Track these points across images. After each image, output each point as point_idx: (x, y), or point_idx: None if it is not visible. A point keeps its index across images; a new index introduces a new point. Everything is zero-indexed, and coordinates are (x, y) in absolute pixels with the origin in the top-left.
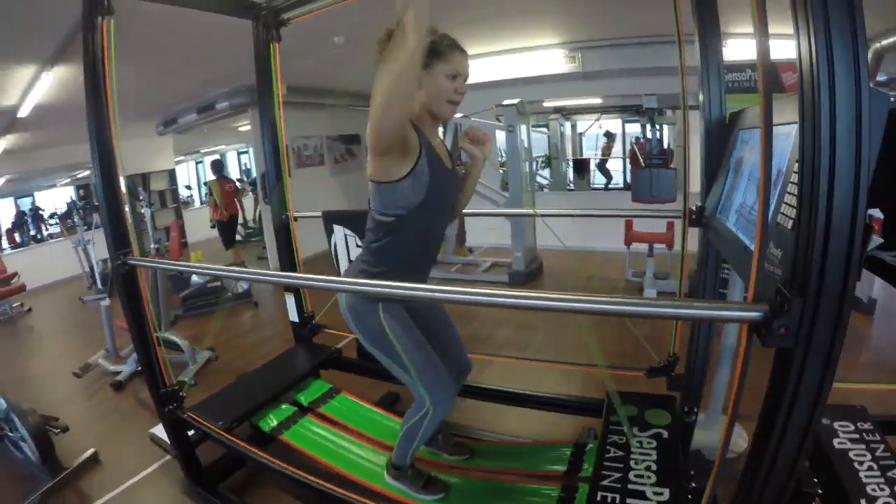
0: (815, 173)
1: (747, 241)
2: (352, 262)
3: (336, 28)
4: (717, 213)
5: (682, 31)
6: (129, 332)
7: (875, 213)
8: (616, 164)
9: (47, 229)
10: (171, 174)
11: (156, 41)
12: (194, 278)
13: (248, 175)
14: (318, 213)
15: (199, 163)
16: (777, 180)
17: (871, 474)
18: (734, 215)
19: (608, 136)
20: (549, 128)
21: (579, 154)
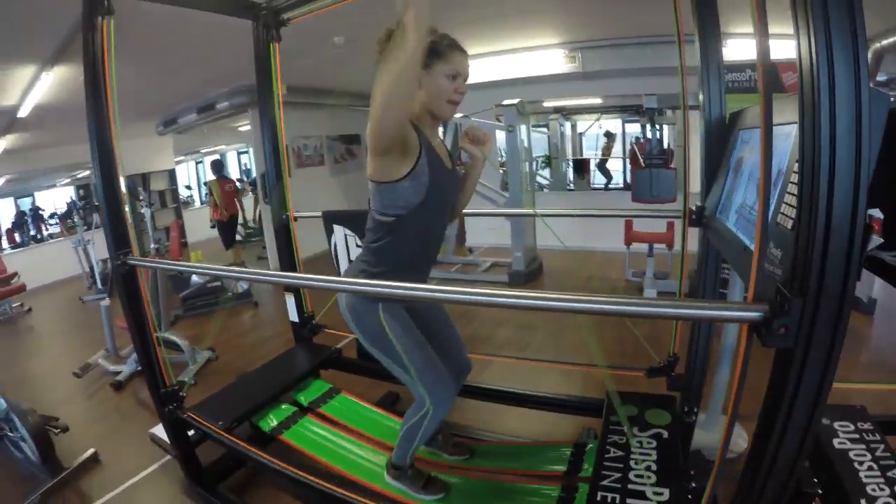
0: (815, 173)
1: (747, 241)
2: (352, 261)
3: (336, 28)
4: (717, 213)
5: (682, 31)
6: (129, 332)
7: (875, 213)
8: (616, 164)
9: (47, 229)
10: (171, 174)
11: (156, 41)
12: (194, 278)
13: (248, 175)
14: (319, 213)
15: (199, 163)
16: (777, 180)
17: (871, 474)
18: (734, 215)
19: (608, 136)
20: (549, 128)
21: (579, 154)
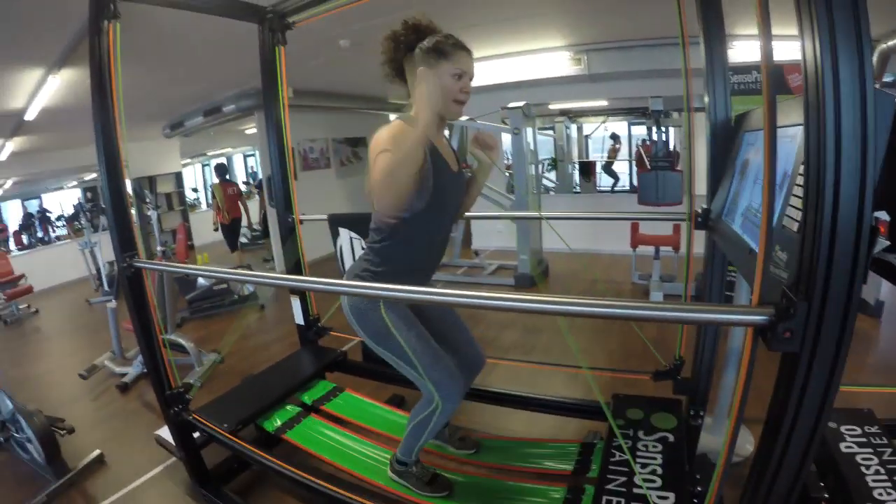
0: (821, 175)
1: (753, 244)
2: (356, 260)
3: (342, 31)
4: (722, 215)
5: (687, 33)
6: (135, 335)
7: (881, 216)
8: (622, 167)
9: (54, 231)
10: (178, 177)
11: (163, 44)
12: (201, 280)
13: (254, 178)
14: (324, 215)
15: (205, 165)
16: (782, 183)
17: (878, 478)
18: (740, 218)
19: (614, 138)
20: (554, 130)
21: (585, 156)
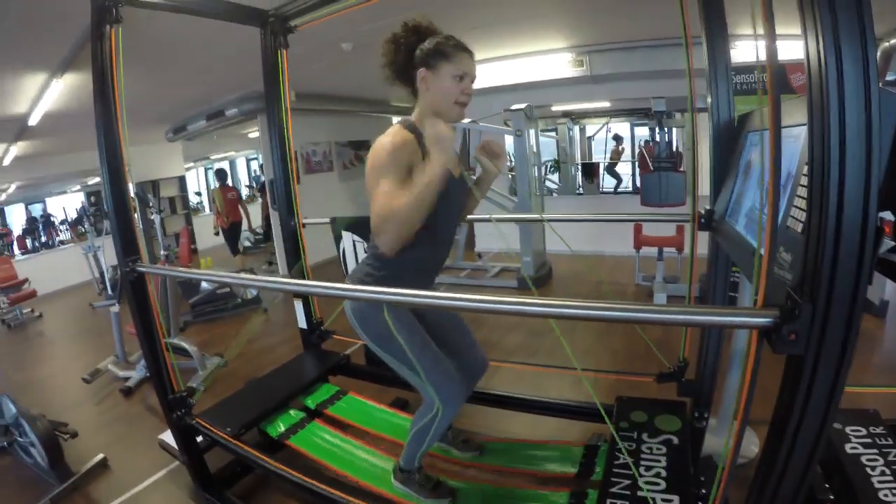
0: (825, 176)
1: (757, 245)
2: (358, 264)
3: (344, 34)
4: (726, 216)
5: (689, 34)
6: (138, 339)
7: (886, 216)
8: (625, 168)
9: (58, 235)
10: (181, 181)
11: (165, 48)
12: (204, 284)
13: (257, 181)
14: (327, 219)
15: (208, 169)
16: (786, 183)
17: (883, 479)
18: (743, 219)
19: (617, 139)
20: (557, 132)
21: (588, 158)
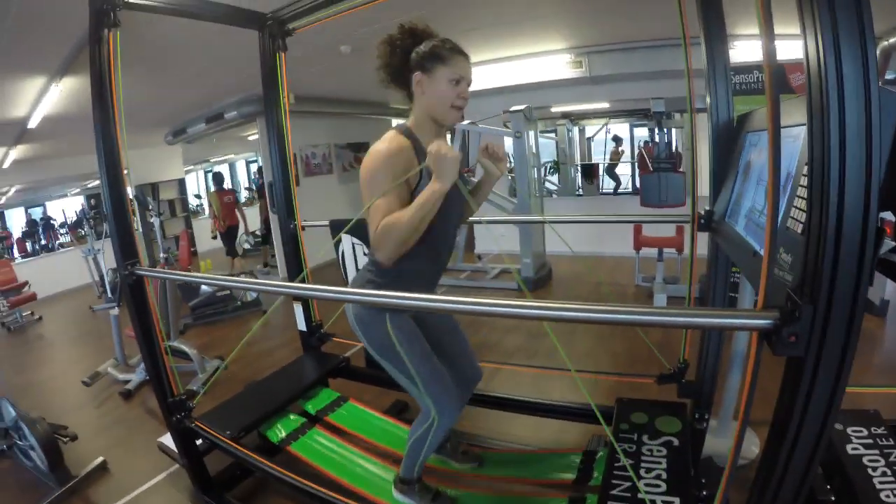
0: (825, 176)
1: (757, 246)
2: (359, 270)
3: (343, 37)
4: (726, 217)
5: (688, 34)
6: (137, 342)
7: (887, 216)
8: (625, 169)
9: (58, 239)
10: (181, 183)
11: (164, 51)
12: (204, 287)
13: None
14: (326, 221)
15: (208, 172)
16: (786, 184)
17: (884, 480)
18: (743, 219)
19: (616, 140)
20: (556, 133)
21: (588, 159)
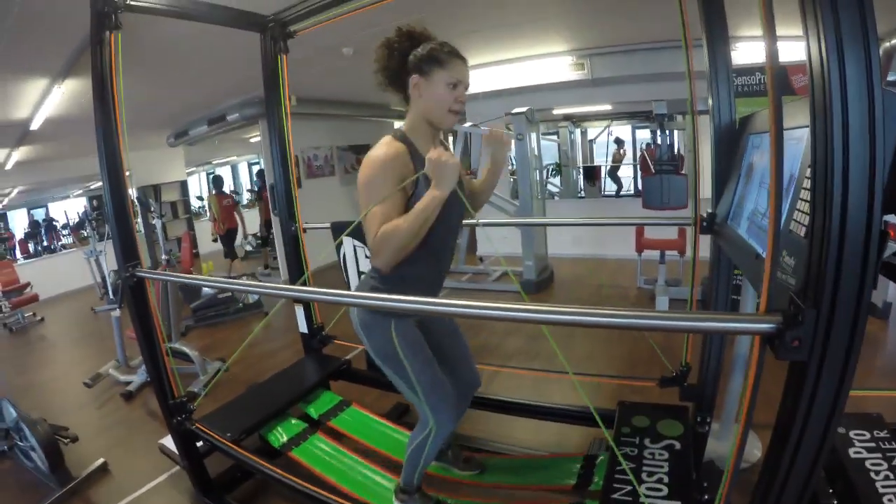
0: (828, 178)
1: (759, 249)
2: (362, 274)
3: (344, 39)
4: (728, 219)
5: (690, 36)
6: (138, 344)
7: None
8: (627, 171)
9: (60, 240)
10: (183, 185)
11: (166, 54)
12: (205, 289)
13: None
14: (327, 224)
15: (210, 174)
16: (789, 186)
17: (887, 484)
18: (745, 222)
19: (618, 143)
20: (559, 135)
21: (590, 161)
